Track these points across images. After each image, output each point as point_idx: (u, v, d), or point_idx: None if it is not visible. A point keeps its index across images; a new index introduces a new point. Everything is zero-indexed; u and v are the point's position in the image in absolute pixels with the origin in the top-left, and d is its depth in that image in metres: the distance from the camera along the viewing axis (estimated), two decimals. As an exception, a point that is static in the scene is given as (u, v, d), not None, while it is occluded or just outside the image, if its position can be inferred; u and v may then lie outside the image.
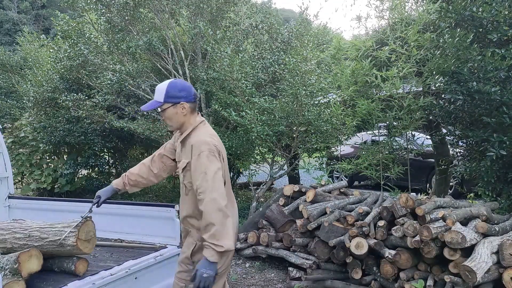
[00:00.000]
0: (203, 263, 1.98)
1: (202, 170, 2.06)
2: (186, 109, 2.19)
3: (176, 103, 2.18)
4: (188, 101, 2.20)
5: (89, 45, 6.36)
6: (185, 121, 2.23)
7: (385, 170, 5.08)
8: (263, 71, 6.01)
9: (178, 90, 2.19)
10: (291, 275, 4.08)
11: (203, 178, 2.05)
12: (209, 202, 2.01)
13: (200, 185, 2.05)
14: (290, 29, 6.63)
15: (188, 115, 2.22)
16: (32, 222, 2.72)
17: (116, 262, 2.83)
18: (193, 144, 2.13)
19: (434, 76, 4.56)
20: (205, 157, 2.07)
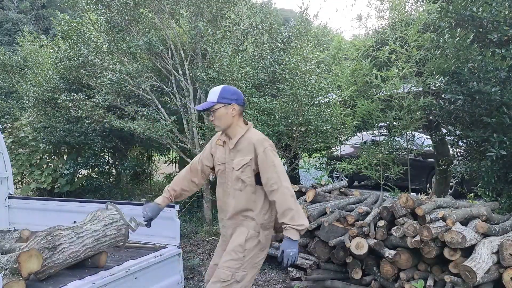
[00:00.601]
0: (287, 243, 2.31)
1: (270, 163, 2.33)
2: (235, 110, 2.42)
3: (227, 104, 2.40)
4: (238, 103, 2.43)
5: (89, 45, 6.36)
6: (233, 123, 2.43)
7: (385, 170, 5.08)
8: (263, 71, 6.01)
9: (230, 93, 2.44)
10: (291, 275, 4.08)
11: (273, 170, 2.32)
12: (284, 190, 2.30)
13: (271, 177, 2.32)
14: (290, 29, 6.63)
15: (236, 117, 2.43)
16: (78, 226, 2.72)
17: (116, 262, 2.83)
18: (255, 142, 2.37)
19: (434, 76, 4.56)
20: (270, 152, 2.36)
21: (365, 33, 5.76)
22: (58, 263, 2.51)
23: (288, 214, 2.29)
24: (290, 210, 2.29)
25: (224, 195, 2.53)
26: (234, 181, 2.45)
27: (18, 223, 4.10)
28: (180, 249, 3.32)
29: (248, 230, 2.44)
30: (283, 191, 2.31)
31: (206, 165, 2.64)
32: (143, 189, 9.63)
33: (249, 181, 2.40)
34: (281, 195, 2.31)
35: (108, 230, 2.71)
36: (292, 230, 2.30)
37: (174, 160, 9.75)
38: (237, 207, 2.45)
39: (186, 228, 5.94)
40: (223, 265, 2.39)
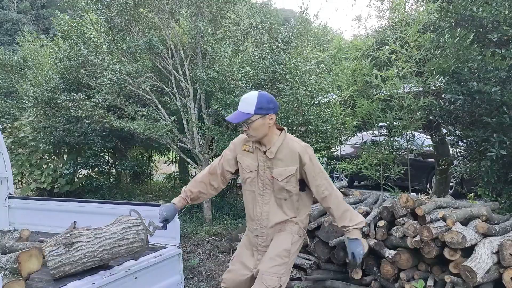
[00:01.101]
0: (355, 243, 2.38)
1: (318, 171, 2.35)
2: (273, 120, 2.30)
3: (265, 114, 2.26)
4: (275, 112, 2.31)
5: (89, 45, 6.36)
6: (269, 132, 2.33)
7: (385, 170, 5.08)
8: (263, 71, 6.00)
9: (267, 101, 2.27)
10: (291, 275, 4.08)
11: (322, 177, 2.36)
12: (336, 193, 2.37)
13: (321, 184, 2.34)
14: (290, 29, 6.62)
15: (273, 126, 2.34)
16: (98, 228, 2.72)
17: (116, 262, 2.83)
18: (299, 151, 2.32)
19: (434, 76, 4.56)
20: (315, 159, 2.37)
21: (365, 33, 5.77)
22: (73, 261, 2.47)
23: (347, 216, 2.36)
24: (347, 211, 2.37)
25: (255, 204, 2.46)
26: (277, 191, 2.38)
27: (18, 223, 4.09)
28: (180, 249, 3.31)
29: (293, 235, 2.41)
30: (336, 195, 2.37)
31: (227, 169, 2.55)
32: (143, 189, 9.63)
33: (294, 190, 2.37)
34: (335, 200, 2.36)
35: (127, 233, 2.64)
36: (355, 231, 2.37)
37: (174, 160, 9.76)
38: (283, 217, 2.41)
39: (186, 228, 5.93)
40: (269, 271, 2.29)
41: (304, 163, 2.32)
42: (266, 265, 2.33)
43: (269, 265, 2.31)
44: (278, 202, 2.40)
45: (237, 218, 6.54)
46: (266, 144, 2.36)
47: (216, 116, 6.35)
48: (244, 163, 2.45)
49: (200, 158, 6.46)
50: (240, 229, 5.13)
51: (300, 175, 2.36)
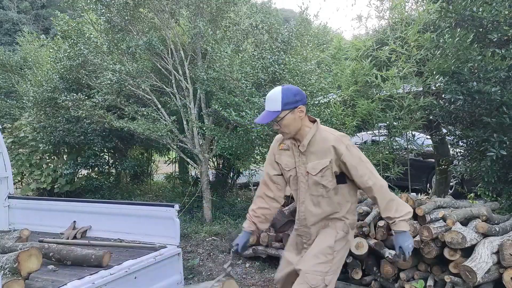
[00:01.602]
0: (402, 236, 2.18)
1: (358, 160, 2.17)
2: (303, 112, 2.20)
3: (293, 108, 2.16)
4: (304, 103, 2.21)
5: (89, 45, 6.35)
6: (302, 125, 2.22)
7: (385, 170, 5.08)
8: (263, 71, 6.00)
9: (293, 94, 2.17)
10: (291, 275, 4.07)
11: (363, 166, 2.18)
12: (380, 182, 2.17)
13: (363, 173, 2.17)
14: (290, 29, 6.62)
15: (304, 118, 2.22)
16: None
17: (116, 262, 2.83)
18: (333, 143, 2.17)
19: (434, 76, 4.56)
20: (352, 147, 2.19)
21: (365, 33, 5.77)
22: None
23: (392, 206, 2.16)
24: (392, 201, 2.17)
25: (298, 203, 2.36)
26: (313, 187, 2.26)
27: (18, 223, 4.10)
28: (180, 249, 3.32)
29: (337, 231, 2.28)
30: (380, 184, 2.17)
31: (273, 174, 2.42)
32: (143, 189, 9.63)
33: (331, 185, 2.23)
34: (379, 189, 2.17)
35: None
36: (402, 222, 2.17)
37: (174, 160, 9.75)
38: (322, 214, 2.29)
39: (186, 228, 5.93)
40: (312, 269, 2.19)
41: (340, 153, 2.17)
42: (308, 263, 2.22)
43: (312, 263, 2.21)
44: (315, 199, 2.28)
45: (237, 218, 6.54)
46: (299, 139, 2.25)
47: (216, 116, 6.35)
48: (283, 162, 2.36)
49: (200, 158, 6.46)
50: (240, 229, 5.12)
51: (338, 167, 2.21)
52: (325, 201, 2.27)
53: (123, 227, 3.59)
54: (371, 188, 2.17)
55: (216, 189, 7.86)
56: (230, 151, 5.90)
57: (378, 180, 2.18)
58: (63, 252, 2.86)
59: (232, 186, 9.14)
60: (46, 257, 2.81)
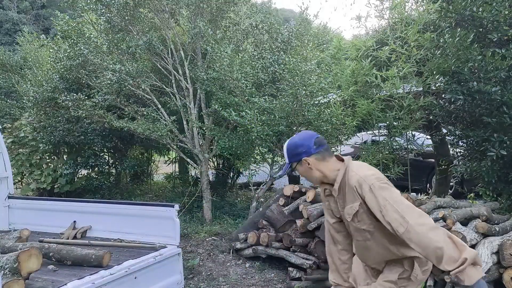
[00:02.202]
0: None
1: (382, 202, 1.82)
2: (311, 163, 2.03)
3: (299, 160, 2.06)
4: (308, 155, 2.03)
5: (89, 45, 6.35)
6: (323, 172, 2.05)
7: (385, 170, 5.08)
8: (263, 71, 6.00)
9: (295, 147, 2.07)
10: (291, 275, 4.08)
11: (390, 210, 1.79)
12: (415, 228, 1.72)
13: (392, 219, 1.78)
14: (290, 29, 6.62)
15: (321, 166, 2.04)
16: None
17: (116, 262, 2.83)
18: (355, 184, 1.92)
19: (434, 76, 4.56)
20: (377, 188, 1.85)
21: (365, 33, 5.77)
22: None
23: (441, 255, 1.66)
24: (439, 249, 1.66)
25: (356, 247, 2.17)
26: (356, 233, 2.06)
27: (18, 223, 4.10)
28: (180, 249, 3.32)
29: (404, 268, 1.99)
30: (415, 231, 1.71)
31: (333, 223, 2.20)
32: (143, 189, 9.63)
33: (372, 228, 1.96)
34: (415, 237, 1.71)
35: None
36: (464, 274, 1.66)
37: (174, 160, 9.76)
38: (377, 258, 2.06)
39: (186, 228, 5.93)
40: None
41: (363, 196, 1.89)
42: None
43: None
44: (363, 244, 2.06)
45: (237, 218, 6.54)
46: (332, 183, 2.07)
47: (216, 116, 6.35)
48: (332, 208, 2.17)
49: (200, 158, 6.46)
50: (240, 229, 5.13)
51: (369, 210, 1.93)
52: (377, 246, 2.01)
53: (123, 227, 3.59)
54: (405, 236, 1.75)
55: (216, 189, 7.86)
56: (230, 151, 5.91)
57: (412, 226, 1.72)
58: (63, 252, 2.86)
59: (232, 186, 9.14)
60: (46, 257, 2.81)
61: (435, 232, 1.68)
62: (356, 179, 1.92)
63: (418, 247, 1.72)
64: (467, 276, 1.65)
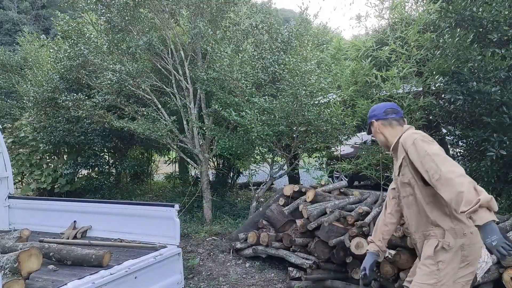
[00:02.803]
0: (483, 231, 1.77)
1: (423, 153, 2.04)
2: (377, 126, 2.43)
3: (370, 122, 2.48)
4: (377, 119, 2.43)
5: (89, 45, 6.36)
6: (386, 137, 2.40)
7: (385, 170, 5.08)
8: (263, 71, 6.01)
9: (371, 111, 2.50)
10: (291, 275, 4.08)
11: (428, 160, 1.99)
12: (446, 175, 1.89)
13: (429, 167, 1.98)
14: (290, 29, 6.63)
15: (386, 130, 2.40)
16: None
17: (116, 262, 2.83)
18: (402, 140, 2.21)
19: (434, 76, 4.56)
20: (420, 141, 2.09)
21: (365, 33, 5.77)
22: None
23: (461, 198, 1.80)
24: (461, 193, 1.80)
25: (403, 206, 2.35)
26: (402, 189, 2.28)
27: (18, 223, 4.10)
28: (180, 249, 3.32)
29: (438, 240, 2.11)
30: (446, 177, 1.88)
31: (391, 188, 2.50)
32: (143, 189, 9.64)
33: (413, 182, 2.17)
34: (445, 182, 1.88)
35: None
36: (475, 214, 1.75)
37: (174, 160, 9.76)
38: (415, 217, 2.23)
39: (186, 228, 5.94)
40: (416, 281, 2.13)
41: (406, 150, 2.15)
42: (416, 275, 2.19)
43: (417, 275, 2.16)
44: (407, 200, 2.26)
45: (237, 218, 6.54)
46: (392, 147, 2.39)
47: (216, 116, 6.35)
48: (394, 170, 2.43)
49: (200, 158, 6.47)
50: (240, 229, 5.13)
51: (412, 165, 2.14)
52: (414, 203, 2.21)
53: (123, 227, 3.59)
54: (437, 183, 1.93)
55: (216, 189, 7.86)
56: (230, 151, 5.91)
57: (445, 173, 1.89)
58: (63, 252, 2.87)
59: (232, 186, 9.14)
60: (46, 257, 2.82)
61: (461, 179, 1.86)
62: (404, 137, 2.22)
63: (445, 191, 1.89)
64: (479, 217, 1.76)
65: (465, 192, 1.80)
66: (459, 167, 1.94)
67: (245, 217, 6.13)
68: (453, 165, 1.94)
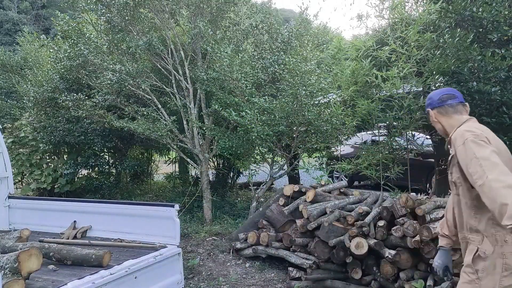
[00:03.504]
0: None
1: (471, 156, 1.89)
2: (433, 115, 2.25)
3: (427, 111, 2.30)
4: (433, 107, 2.25)
5: (89, 45, 6.36)
6: (444, 125, 2.22)
7: (385, 170, 5.08)
8: (263, 71, 6.01)
9: (428, 98, 2.32)
10: (291, 275, 4.08)
11: (475, 164, 1.86)
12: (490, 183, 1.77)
13: (474, 171, 1.86)
14: (290, 29, 6.63)
15: (442, 119, 2.22)
16: None
17: (116, 262, 2.83)
18: (453, 136, 2.05)
19: (434, 76, 4.56)
20: (471, 142, 1.92)
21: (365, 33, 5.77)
22: None
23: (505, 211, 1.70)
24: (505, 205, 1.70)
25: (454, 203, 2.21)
26: (452, 186, 2.14)
27: (18, 223, 4.10)
28: (180, 249, 3.32)
29: (476, 246, 1.97)
30: (491, 186, 1.76)
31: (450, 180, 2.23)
32: (143, 189, 9.64)
33: (459, 182, 2.05)
34: (489, 191, 1.77)
35: None
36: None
37: (174, 160, 9.76)
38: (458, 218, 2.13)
39: (186, 228, 5.94)
40: None
41: (455, 148, 2.00)
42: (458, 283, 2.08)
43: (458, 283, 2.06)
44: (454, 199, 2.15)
45: (237, 218, 6.54)
46: None
47: (216, 116, 6.35)
48: None
49: (200, 158, 6.47)
50: (240, 229, 5.13)
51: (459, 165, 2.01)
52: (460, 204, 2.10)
53: (123, 227, 3.59)
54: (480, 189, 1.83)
55: (216, 189, 7.86)
56: (230, 151, 5.91)
57: (489, 181, 1.78)
58: (63, 252, 2.87)
59: (232, 186, 9.14)
60: (46, 257, 2.82)
61: (507, 190, 1.73)
62: (457, 132, 2.04)
63: (488, 199, 1.79)
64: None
65: (509, 205, 1.69)
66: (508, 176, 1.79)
67: (245, 217, 6.13)
68: (502, 173, 1.80)
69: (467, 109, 2.21)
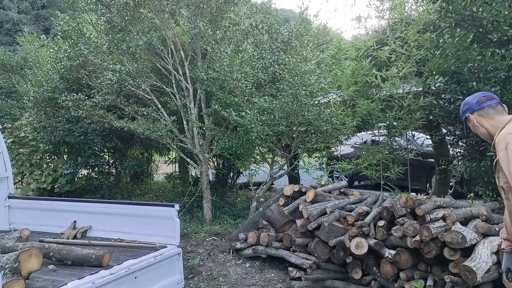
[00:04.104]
0: None
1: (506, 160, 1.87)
2: (474, 119, 2.16)
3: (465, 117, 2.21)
4: (472, 111, 2.16)
5: (89, 45, 6.36)
6: (487, 128, 2.13)
7: (385, 170, 5.08)
8: (263, 71, 6.01)
9: (463, 105, 2.23)
10: (291, 275, 4.08)
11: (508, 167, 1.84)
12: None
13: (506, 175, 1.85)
14: (290, 29, 6.63)
15: (484, 122, 2.13)
16: None
17: (116, 262, 2.83)
18: (497, 140, 2.00)
19: (434, 76, 4.56)
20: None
21: (365, 33, 5.76)
22: None
23: None
24: None
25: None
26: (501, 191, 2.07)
27: (18, 223, 4.10)
28: (180, 249, 3.32)
29: None
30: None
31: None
32: (143, 189, 9.64)
33: (506, 186, 1.97)
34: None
35: None
36: None
37: (174, 160, 9.76)
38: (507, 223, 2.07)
39: (186, 228, 5.94)
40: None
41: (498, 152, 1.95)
42: None
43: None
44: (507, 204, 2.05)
45: (237, 218, 6.54)
46: None
47: (216, 116, 6.35)
48: None
49: (200, 158, 6.47)
50: (240, 229, 5.13)
51: None
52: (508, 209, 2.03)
53: (123, 227, 3.59)
54: (505, 191, 1.84)
55: (216, 189, 7.87)
56: (230, 151, 5.91)
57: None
58: (63, 252, 2.87)
59: (232, 186, 9.15)
60: (46, 257, 2.82)
61: None
62: (499, 136, 1.99)
63: (509, 206, 1.80)
64: None
65: None
66: None
67: (245, 217, 6.13)
68: None
69: (506, 109, 2.16)
